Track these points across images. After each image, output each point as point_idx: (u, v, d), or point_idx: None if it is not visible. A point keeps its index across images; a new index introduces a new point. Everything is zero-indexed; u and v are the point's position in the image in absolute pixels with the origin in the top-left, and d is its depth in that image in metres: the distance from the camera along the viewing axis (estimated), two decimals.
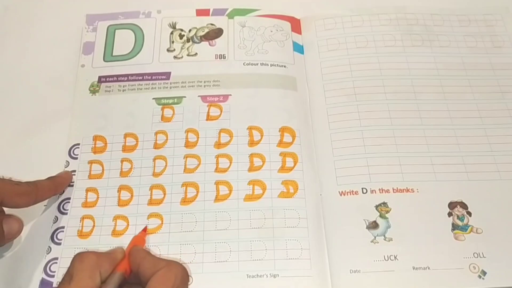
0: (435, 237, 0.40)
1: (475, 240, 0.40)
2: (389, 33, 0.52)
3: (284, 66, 0.49)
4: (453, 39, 0.51)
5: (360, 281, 0.38)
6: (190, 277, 0.35)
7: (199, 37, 0.51)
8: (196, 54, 0.50)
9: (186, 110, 0.47)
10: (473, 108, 0.47)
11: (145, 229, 0.40)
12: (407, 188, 0.43)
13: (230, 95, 0.47)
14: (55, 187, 0.41)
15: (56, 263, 0.40)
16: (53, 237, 0.41)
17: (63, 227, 0.41)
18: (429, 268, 0.39)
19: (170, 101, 0.47)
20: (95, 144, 0.45)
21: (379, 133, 0.45)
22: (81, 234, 0.41)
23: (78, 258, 0.33)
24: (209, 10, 0.53)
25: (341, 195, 0.42)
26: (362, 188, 0.43)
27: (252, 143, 0.45)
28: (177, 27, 0.52)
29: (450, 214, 0.41)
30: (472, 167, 0.44)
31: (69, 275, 0.31)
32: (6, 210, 0.40)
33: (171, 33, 0.52)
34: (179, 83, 0.49)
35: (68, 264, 0.39)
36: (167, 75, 0.49)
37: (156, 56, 0.50)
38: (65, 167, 0.44)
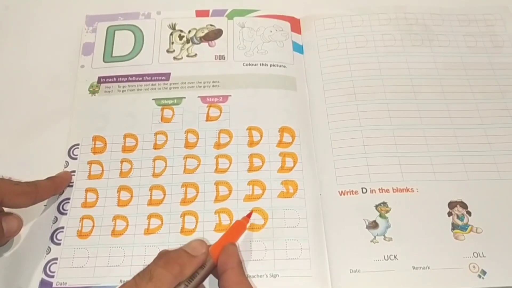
0: (435, 237, 0.40)
1: (475, 239, 0.40)
2: (389, 33, 0.52)
3: (284, 66, 0.49)
4: (452, 39, 0.51)
5: (360, 281, 0.38)
6: None
7: (198, 38, 0.51)
8: (195, 55, 0.50)
9: (186, 110, 0.47)
10: (473, 108, 0.47)
11: (249, 215, 0.40)
12: (406, 188, 0.42)
13: (230, 95, 0.47)
14: (55, 187, 0.41)
15: (55, 263, 0.40)
16: (53, 238, 0.41)
17: (62, 228, 0.41)
18: (429, 267, 0.39)
19: (170, 101, 0.47)
20: (94, 144, 0.45)
21: (379, 133, 0.45)
22: (81, 234, 0.41)
23: (164, 261, 0.32)
24: (208, 11, 0.53)
25: (340, 195, 0.42)
26: (362, 188, 0.42)
27: (251, 143, 0.45)
28: (176, 28, 0.52)
29: (450, 214, 0.41)
30: (472, 167, 0.44)
31: (149, 274, 0.31)
32: (6, 210, 0.40)
33: (171, 34, 0.52)
34: (178, 83, 0.49)
35: (68, 264, 0.39)
36: (166, 76, 0.49)
37: (155, 57, 0.50)
38: (65, 167, 0.44)
